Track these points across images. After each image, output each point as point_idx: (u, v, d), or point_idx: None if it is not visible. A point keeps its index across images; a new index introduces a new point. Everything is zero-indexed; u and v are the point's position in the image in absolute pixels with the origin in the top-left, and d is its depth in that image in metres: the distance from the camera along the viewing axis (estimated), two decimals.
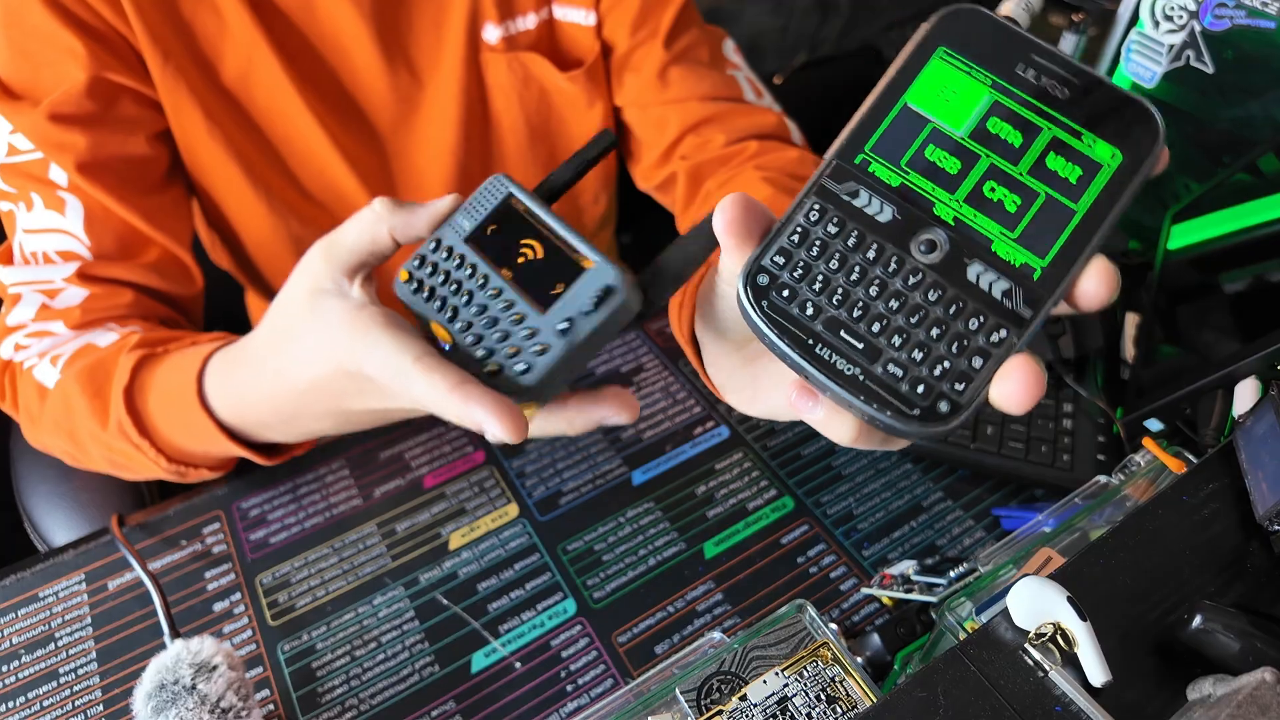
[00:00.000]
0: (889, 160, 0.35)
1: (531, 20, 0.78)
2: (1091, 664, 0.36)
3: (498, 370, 0.44)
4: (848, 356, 0.33)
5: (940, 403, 0.32)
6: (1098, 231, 0.33)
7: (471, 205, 0.47)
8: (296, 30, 0.71)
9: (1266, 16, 0.75)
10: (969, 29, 0.35)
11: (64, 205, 0.65)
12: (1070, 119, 0.34)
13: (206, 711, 0.47)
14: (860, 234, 0.34)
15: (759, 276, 0.35)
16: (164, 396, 0.60)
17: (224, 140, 0.71)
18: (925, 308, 0.33)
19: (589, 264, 0.44)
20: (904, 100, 0.35)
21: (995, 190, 0.34)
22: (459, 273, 0.46)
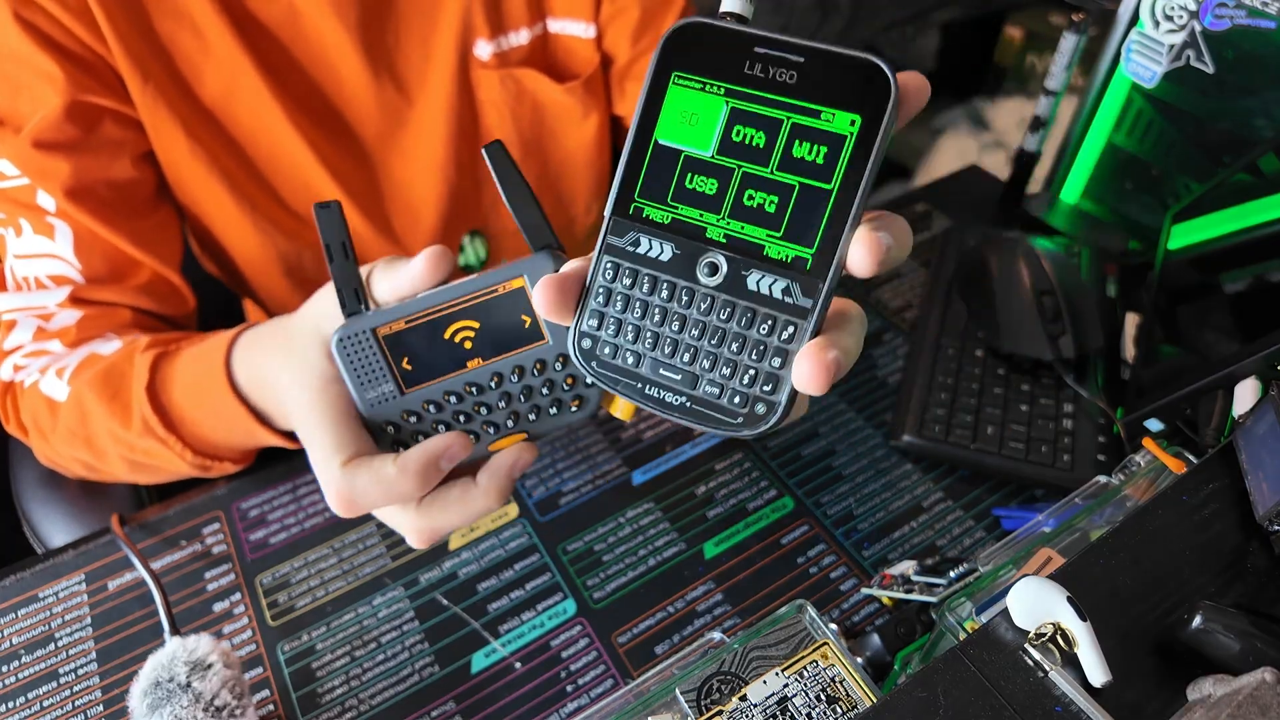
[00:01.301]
0: (657, 201, 0.36)
1: (524, 36, 0.78)
2: (1091, 664, 0.36)
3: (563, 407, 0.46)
4: (672, 389, 0.37)
5: (757, 405, 0.35)
6: (854, 202, 0.33)
7: (360, 370, 0.45)
8: (281, 46, 0.71)
9: (1267, 16, 0.74)
10: (694, 45, 0.35)
11: (53, 230, 0.65)
12: (804, 100, 0.34)
13: (201, 709, 0.47)
14: (652, 278, 0.36)
15: (582, 342, 0.38)
16: (190, 387, 0.60)
17: (207, 159, 0.71)
18: (721, 327, 0.35)
19: (517, 282, 0.44)
20: (654, 138, 0.36)
21: (754, 196, 0.35)
22: (450, 408, 0.46)
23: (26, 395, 0.68)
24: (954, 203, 0.99)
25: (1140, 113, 0.88)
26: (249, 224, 0.75)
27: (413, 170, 0.80)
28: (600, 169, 0.89)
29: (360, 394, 0.45)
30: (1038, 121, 0.92)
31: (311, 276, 0.80)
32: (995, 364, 0.74)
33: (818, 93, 0.34)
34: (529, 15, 0.78)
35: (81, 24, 0.62)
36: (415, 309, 0.44)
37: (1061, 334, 0.70)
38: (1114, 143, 0.92)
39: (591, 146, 0.86)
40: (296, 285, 0.80)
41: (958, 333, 0.78)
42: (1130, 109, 0.89)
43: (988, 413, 0.70)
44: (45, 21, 0.62)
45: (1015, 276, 0.74)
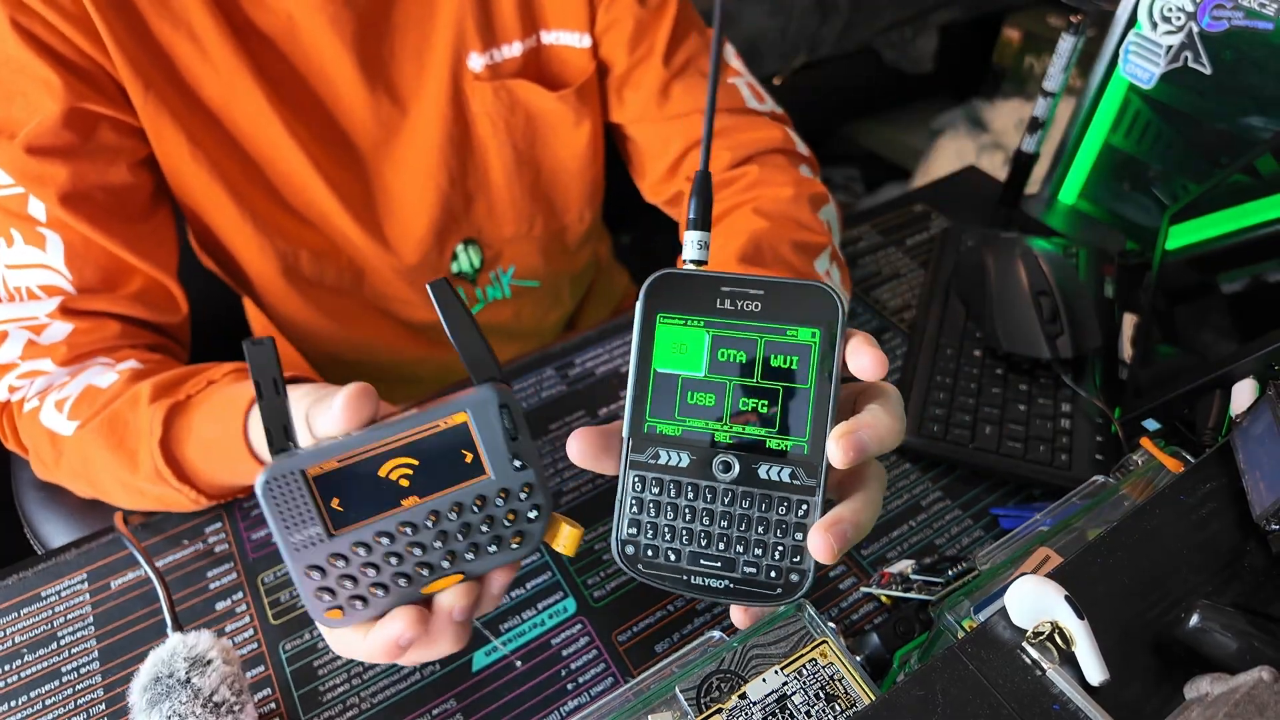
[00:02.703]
0: (665, 418, 0.43)
1: (518, 48, 0.79)
2: (1089, 663, 0.36)
3: (503, 544, 0.45)
4: (714, 575, 0.42)
5: (791, 576, 0.42)
6: (830, 393, 0.41)
7: (285, 513, 0.42)
8: (278, 56, 0.71)
9: (1264, 18, 0.75)
10: (670, 290, 0.43)
11: (44, 241, 0.66)
12: (770, 322, 0.42)
13: (199, 705, 0.47)
14: (676, 483, 0.42)
15: (625, 548, 0.44)
16: (207, 446, 0.61)
17: (208, 163, 0.71)
18: (746, 514, 0.42)
19: (459, 417, 0.43)
20: (653, 368, 0.43)
21: (747, 403, 0.42)
22: (382, 549, 0.44)
23: (26, 420, 0.68)
24: (952, 203, 0.99)
25: (1138, 114, 0.89)
26: (249, 226, 0.75)
27: (406, 179, 0.80)
28: (593, 177, 0.89)
29: (283, 537, 0.42)
30: (1036, 122, 0.92)
31: (308, 277, 0.81)
32: (993, 364, 0.75)
33: (781, 315, 0.42)
34: (522, 28, 0.78)
35: (80, 32, 0.62)
36: (350, 447, 0.42)
37: (1059, 334, 0.71)
38: (1111, 144, 0.93)
39: (584, 154, 0.86)
40: (293, 285, 0.81)
41: (956, 333, 0.78)
42: (1128, 110, 0.89)
43: (986, 412, 0.71)
44: (43, 29, 0.61)
45: (1013, 277, 0.74)
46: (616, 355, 0.81)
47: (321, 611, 0.44)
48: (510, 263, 0.92)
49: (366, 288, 0.85)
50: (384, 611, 0.44)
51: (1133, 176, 0.92)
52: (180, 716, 0.47)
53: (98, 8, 0.62)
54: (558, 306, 1.03)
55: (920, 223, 0.97)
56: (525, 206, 0.87)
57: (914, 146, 2.37)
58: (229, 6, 0.68)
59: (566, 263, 0.98)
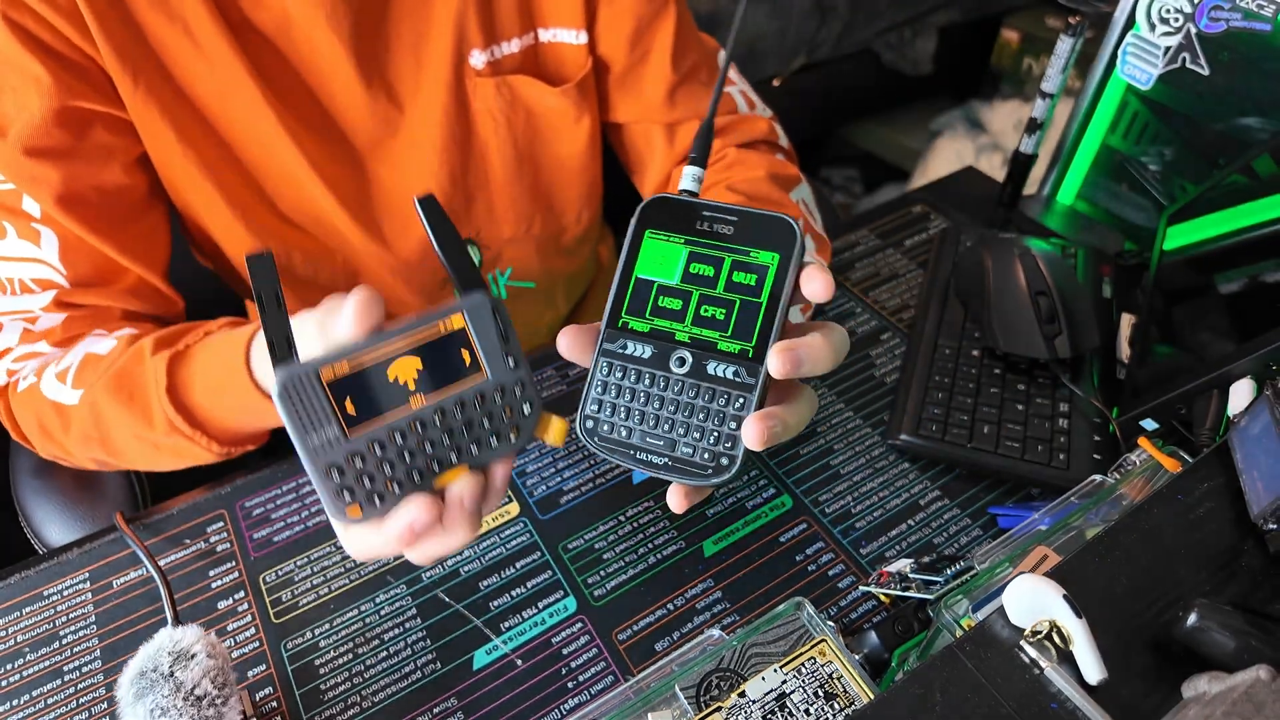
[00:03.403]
0: (638, 315, 0.49)
1: (515, 44, 0.79)
2: (1087, 661, 0.36)
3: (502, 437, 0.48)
4: (656, 452, 0.48)
5: (721, 459, 0.47)
6: (779, 308, 0.46)
7: (304, 415, 0.44)
8: (274, 52, 0.70)
9: (1262, 19, 0.75)
10: (661, 211, 0.50)
11: (39, 237, 0.66)
12: (738, 244, 0.48)
13: (181, 699, 0.47)
14: (637, 371, 0.48)
15: (586, 422, 0.49)
16: (212, 388, 0.62)
17: (198, 161, 0.71)
18: (691, 403, 0.47)
19: (457, 320, 0.46)
20: (635, 274, 0.50)
21: (708, 309, 0.48)
22: (396, 446, 0.46)
23: (24, 398, 0.68)
24: (951, 204, 1.00)
25: (1136, 115, 0.89)
26: (240, 226, 0.75)
27: (404, 178, 0.80)
28: (591, 176, 0.90)
29: (302, 440, 0.44)
30: (1034, 123, 0.92)
31: (302, 276, 0.81)
32: (992, 364, 0.75)
33: (748, 239, 0.48)
34: (520, 25, 0.79)
35: (71, 25, 0.62)
36: (357, 349, 0.44)
37: (1057, 334, 0.71)
38: (1110, 144, 0.93)
39: (584, 152, 0.86)
40: (288, 284, 0.80)
41: (954, 333, 0.78)
42: (1126, 111, 0.89)
43: (984, 412, 0.71)
44: (34, 23, 0.61)
45: (1011, 277, 0.75)
46: None
47: (343, 509, 0.46)
48: (508, 263, 0.92)
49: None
50: (395, 505, 0.46)
51: (1131, 177, 0.92)
52: (163, 710, 0.47)
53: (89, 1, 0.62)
54: (551, 308, 1.03)
55: (919, 223, 0.97)
56: (525, 206, 0.87)
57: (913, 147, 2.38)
58: (225, 3, 0.67)
59: (563, 264, 0.98)
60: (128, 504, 0.78)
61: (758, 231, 0.48)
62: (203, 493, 0.69)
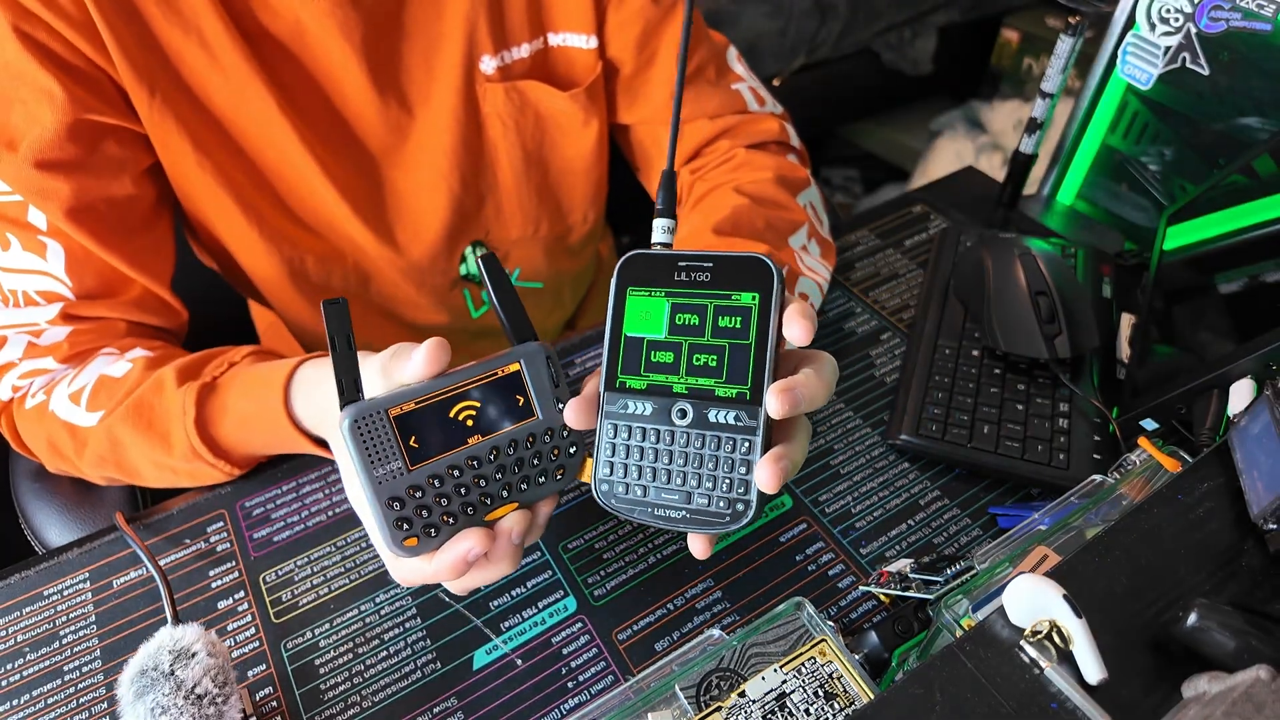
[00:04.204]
0: (633, 373, 0.50)
1: (525, 50, 0.80)
2: (1087, 661, 0.36)
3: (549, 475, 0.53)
4: (673, 506, 0.48)
5: (736, 505, 0.47)
6: (768, 347, 0.47)
7: (371, 449, 0.49)
8: (287, 61, 0.71)
9: (1262, 19, 0.75)
10: (638, 267, 0.50)
11: (44, 249, 0.66)
12: (717, 289, 0.48)
13: (181, 697, 0.47)
14: (641, 429, 0.49)
15: (600, 485, 0.50)
16: (243, 422, 0.64)
17: (214, 169, 0.71)
18: (700, 453, 0.48)
19: (513, 367, 0.52)
20: (624, 333, 0.50)
21: (699, 358, 0.48)
22: (453, 481, 0.51)
23: (31, 415, 0.69)
24: (951, 204, 1.00)
25: (1136, 115, 0.89)
26: (254, 232, 0.75)
27: (416, 183, 0.81)
28: (598, 177, 0.90)
29: (368, 472, 0.49)
30: (1034, 123, 0.92)
31: (315, 282, 0.81)
32: (992, 364, 0.75)
33: (727, 283, 0.48)
34: (530, 30, 0.79)
35: (84, 38, 0.62)
36: (425, 391, 0.50)
37: (1057, 334, 0.71)
38: (1110, 144, 0.93)
39: (591, 154, 0.87)
40: (299, 290, 0.81)
41: (954, 333, 0.78)
42: (1126, 111, 0.90)
43: (984, 412, 0.71)
44: (46, 35, 0.61)
45: (1011, 277, 0.75)
46: None
47: (400, 541, 0.49)
48: (516, 264, 0.92)
49: (373, 290, 0.85)
50: (449, 538, 0.50)
51: (1131, 177, 0.93)
52: (163, 708, 0.47)
53: (102, 13, 0.62)
54: (559, 308, 1.03)
55: (919, 223, 0.97)
56: (532, 208, 0.88)
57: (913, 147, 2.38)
58: (239, 12, 0.67)
59: (569, 263, 0.98)
60: (128, 504, 0.78)
61: (735, 274, 0.48)
62: (203, 493, 0.69)
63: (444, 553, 0.50)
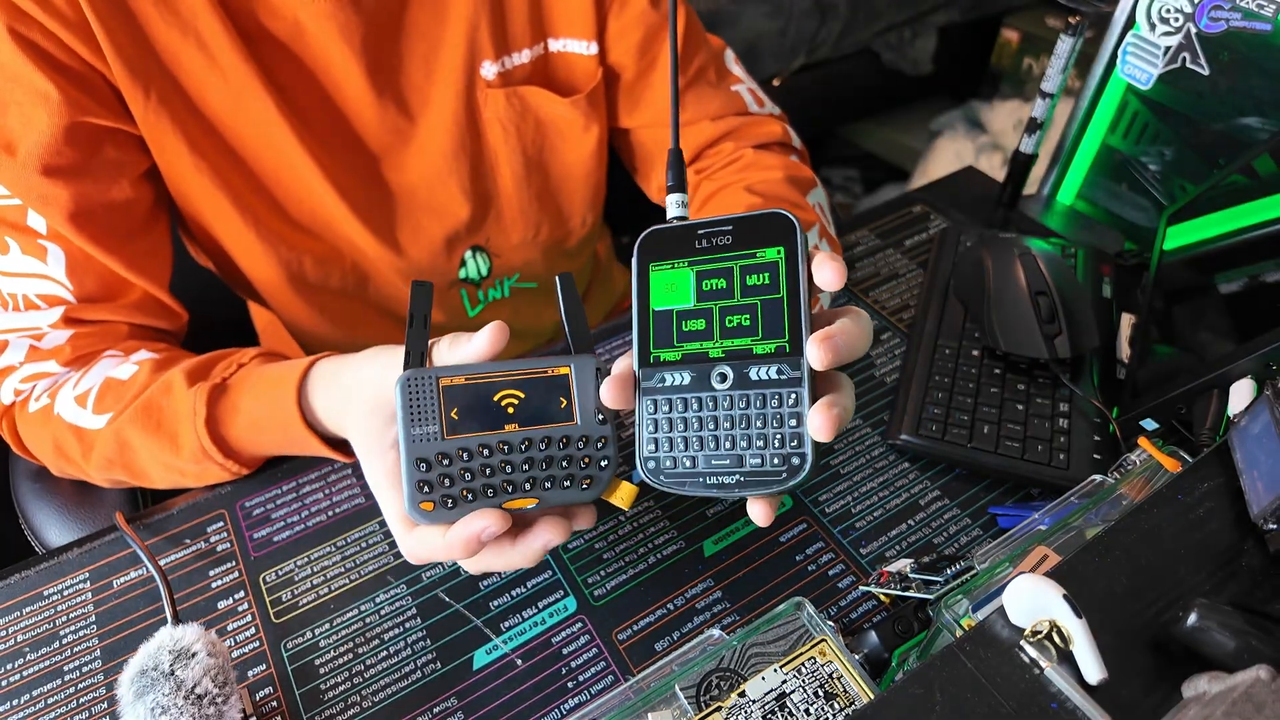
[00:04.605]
0: (666, 346, 0.49)
1: (526, 55, 0.80)
2: (1087, 661, 0.36)
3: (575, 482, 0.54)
4: (725, 472, 0.47)
5: (792, 460, 0.46)
6: (800, 295, 0.47)
7: (415, 408, 0.52)
8: (285, 61, 0.71)
9: (1262, 19, 0.75)
10: (657, 242, 0.51)
11: (45, 253, 0.66)
12: (740, 248, 0.48)
13: (181, 697, 0.48)
14: (683, 399, 0.48)
15: (648, 464, 0.49)
16: (255, 423, 0.65)
17: (210, 171, 0.71)
18: (745, 413, 0.47)
19: (563, 369, 0.53)
20: (651, 309, 0.50)
21: (732, 319, 0.48)
22: (481, 459, 0.52)
23: (36, 418, 0.68)
24: (951, 204, 1.00)
25: (1136, 115, 0.89)
26: (252, 234, 0.75)
27: (416, 185, 0.81)
28: (596, 182, 0.91)
29: (406, 428, 0.51)
30: (1034, 123, 0.92)
31: (313, 283, 0.81)
32: (992, 364, 0.75)
33: (748, 241, 0.48)
34: (531, 35, 0.79)
35: (79, 39, 0.62)
36: (476, 370, 0.52)
37: (1057, 334, 0.71)
38: (1110, 144, 0.93)
39: (590, 159, 0.87)
40: (297, 290, 0.81)
41: (954, 333, 0.78)
42: (1126, 111, 0.90)
43: (984, 412, 0.71)
44: (42, 37, 0.61)
45: (1011, 277, 0.75)
46: (616, 354, 0.81)
47: (417, 503, 0.51)
48: (517, 269, 0.93)
49: (371, 290, 0.85)
50: (464, 515, 0.51)
51: (1131, 177, 0.93)
52: (163, 708, 0.47)
53: (97, 14, 0.61)
54: (550, 306, 1.04)
55: (919, 223, 0.97)
56: (533, 213, 0.88)
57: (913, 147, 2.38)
58: (238, 13, 0.67)
59: (566, 264, 0.99)
60: (128, 504, 0.78)
61: (756, 232, 0.48)
62: (203, 493, 0.69)
63: (460, 527, 0.51)
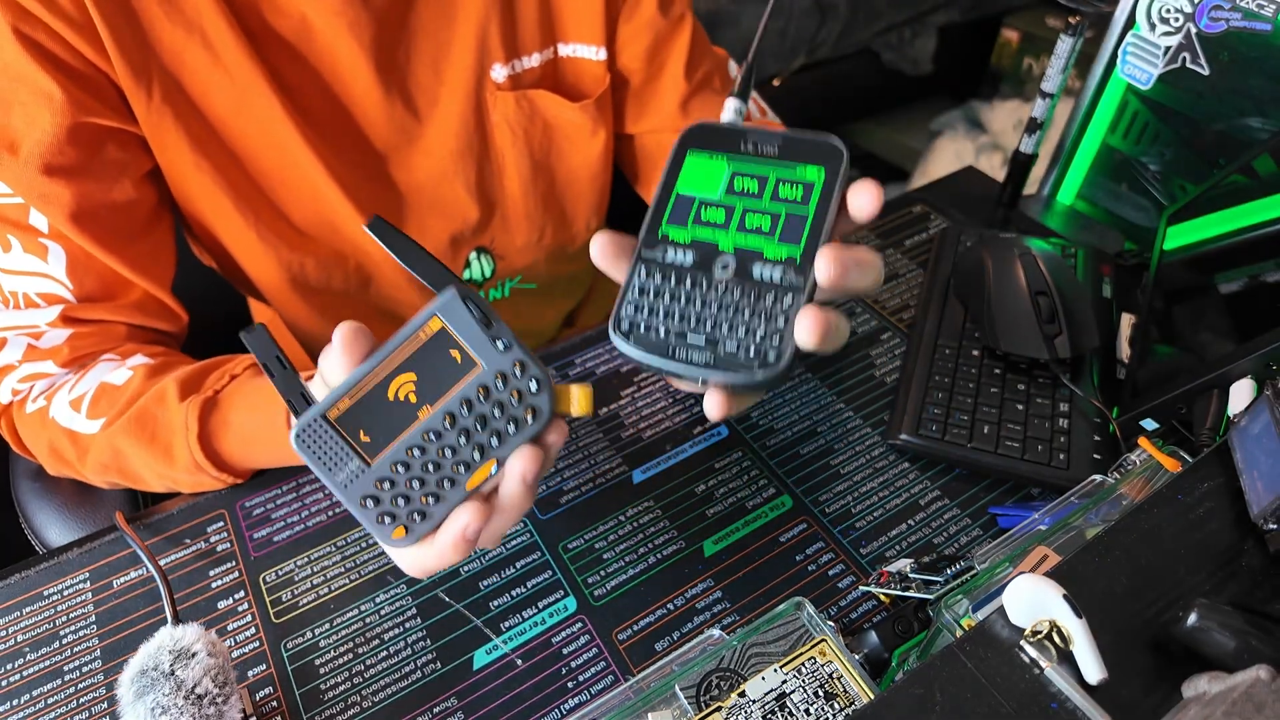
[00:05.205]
0: (679, 226, 0.48)
1: (536, 59, 0.80)
2: (1087, 661, 0.36)
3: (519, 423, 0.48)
4: (696, 349, 0.45)
5: (768, 354, 0.44)
6: (826, 219, 0.45)
7: (324, 457, 0.47)
8: (291, 59, 0.71)
9: (1262, 19, 0.75)
10: (705, 135, 0.49)
11: (46, 251, 0.66)
12: (783, 161, 0.47)
13: (182, 697, 0.48)
14: (678, 273, 0.47)
15: (621, 324, 0.47)
16: (247, 437, 0.65)
17: (212, 171, 0.71)
18: (736, 302, 0.45)
19: (435, 324, 0.47)
20: (675, 191, 0.49)
21: (753, 219, 0.47)
22: (418, 461, 0.47)
23: (32, 419, 0.68)
24: (951, 204, 1.00)
25: (1136, 115, 0.89)
26: (253, 235, 0.75)
27: (422, 186, 0.81)
28: (602, 186, 0.91)
29: (330, 479, 0.47)
30: (1034, 123, 0.92)
31: (315, 285, 0.81)
32: (992, 364, 0.75)
33: (794, 156, 0.47)
34: (541, 40, 0.80)
35: (83, 39, 0.61)
36: (352, 382, 0.47)
37: (1057, 334, 0.71)
38: (1110, 144, 0.93)
39: (596, 163, 0.87)
40: (298, 291, 0.81)
41: (954, 333, 0.78)
42: (1126, 111, 0.90)
43: (984, 412, 0.71)
44: (46, 37, 0.61)
45: (1011, 277, 0.75)
46: (616, 355, 0.81)
47: (388, 534, 0.47)
48: (519, 270, 0.93)
49: (373, 292, 0.85)
50: (441, 520, 0.48)
51: (1131, 177, 0.93)
52: (163, 708, 0.47)
53: (102, 13, 0.61)
54: (551, 307, 1.04)
55: (919, 223, 0.97)
56: (538, 216, 0.88)
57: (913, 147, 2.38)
58: (243, 11, 0.67)
59: (567, 267, 0.99)
60: (128, 504, 0.78)
61: (802, 149, 0.47)
62: (203, 493, 0.69)
63: (441, 535, 0.48)
